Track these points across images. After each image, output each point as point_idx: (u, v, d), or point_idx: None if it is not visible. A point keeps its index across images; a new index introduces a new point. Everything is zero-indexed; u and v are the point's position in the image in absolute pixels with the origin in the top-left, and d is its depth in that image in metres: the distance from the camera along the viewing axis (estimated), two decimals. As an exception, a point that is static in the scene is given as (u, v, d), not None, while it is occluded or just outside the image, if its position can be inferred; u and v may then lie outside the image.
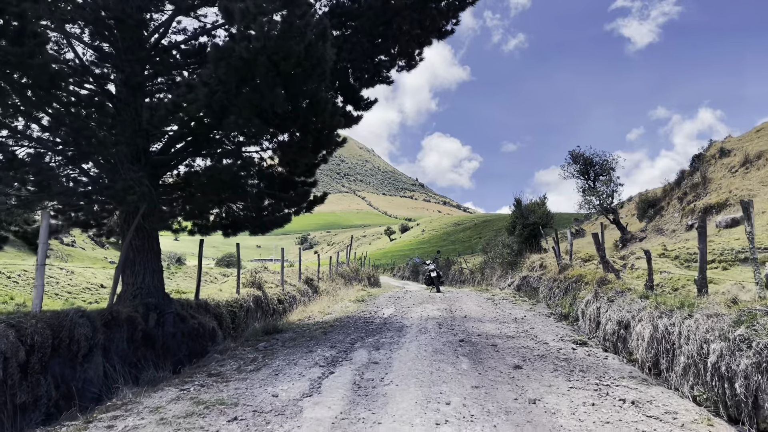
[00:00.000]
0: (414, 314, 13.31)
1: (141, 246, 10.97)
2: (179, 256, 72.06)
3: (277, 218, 10.34)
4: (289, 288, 19.08)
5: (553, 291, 17.43)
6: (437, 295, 18.93)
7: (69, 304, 16.60)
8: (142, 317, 10.53)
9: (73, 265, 23.84)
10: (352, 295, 20.23)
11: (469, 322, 11.75)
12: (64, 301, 18.44)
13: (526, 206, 28.81)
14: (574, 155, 39.41)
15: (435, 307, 14.79)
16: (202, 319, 12.41)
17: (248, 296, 15.39)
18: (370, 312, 14.10)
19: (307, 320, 13.76)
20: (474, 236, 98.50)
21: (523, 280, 23.34)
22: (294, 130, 8.81)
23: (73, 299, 18.99)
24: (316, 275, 23.81)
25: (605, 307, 11.51)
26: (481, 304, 15.71)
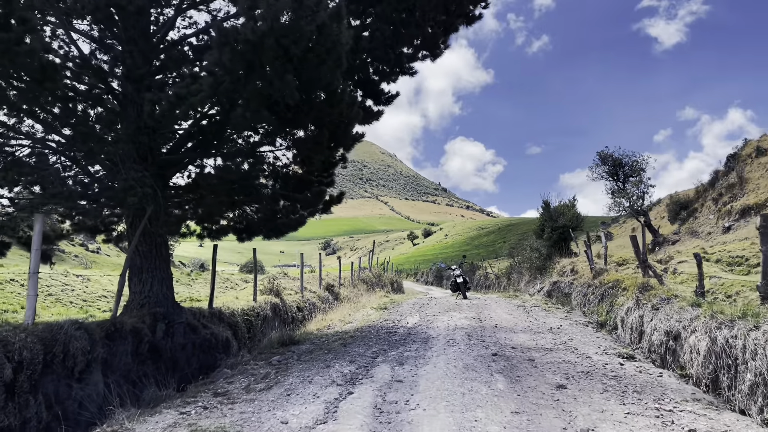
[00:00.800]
0: (440, 323, 12.42)
1: (148, 252, 10.30)
2: (202, 262, 71.92)
3: (291, 221, 9.57)
4: (308, 295, 18.34)
5: (587, 297, 16.42)
6: (464, 302, 18.01)
7: (83, 312, 16.05)
8: (149, 328, 9.84)
9: (91, 272, 23.40)
10: (374, 302, 19.39)
11: (500, 333, 10.83)
12: (78, 309, 17.91)
13: (555, 208, 27.71)
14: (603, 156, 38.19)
15: (462, 315, 13.89)
16: (215, 329, 11.71)
17: (265, 304, 14.67)
18: (393, 321, 13.25)
19: (327, 330, 12.97)
20: (498, 240, 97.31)
21: (554, 285, 22.32)
22: (308, 123, 8.02)
23: (88, 307, 18.45)
24: (338, 281, 23.06)
25: (649, 315, 10.55)
26: (512, 311, 14.76)
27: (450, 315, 13.96)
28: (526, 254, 29.27)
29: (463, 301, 18.29)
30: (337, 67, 7.23)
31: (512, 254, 35.11)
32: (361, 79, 10.07)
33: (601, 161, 39.15)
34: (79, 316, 15.33)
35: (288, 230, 9.78)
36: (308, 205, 9.55)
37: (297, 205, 9.68)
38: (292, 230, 9.84)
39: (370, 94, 10.55)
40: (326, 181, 10.23)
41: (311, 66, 7.14)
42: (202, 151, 9.58)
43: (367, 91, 10.49)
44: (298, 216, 9.69)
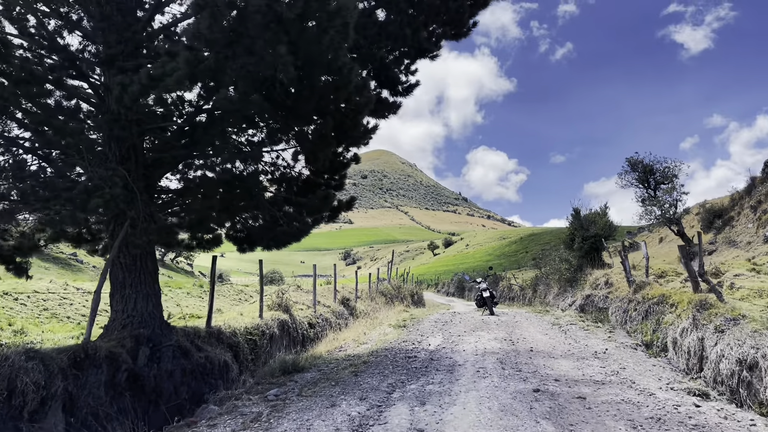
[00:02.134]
0: (467, 345, 10.90)
1: (131, 264, 8.99)
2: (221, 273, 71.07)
3: (293, 229, 8.17)
4: (322, 310, 16.92)
5: (628, 314, 14.79)
6: (491, 319, 16.42)
7: (79, 329, 14.80)
8: (130, 353, 8.49)
9: (93, 284, 22.23)
10: (392, 318, 17.90)
11: (538, 359, 9.29)
12: (76, 324, 16.69)
13: (586, 216, 25.99)
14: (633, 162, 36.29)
15: (491, 335, 12.34)
16: (211, 352, 10.34)
17: (273, 321, 13.29)
18: (413, 342, 11.75)
19: (338, 352, 11.52)
20: (520, 250, 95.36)
21: (587, 299, 20.67)
22: (310, 111, 6.63)
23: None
24: (354, 294, 21.61)
25: (712, 338, 8.98)
26: (547, 331, 13.17)
27: (477, 335, 12.42)
28: (555, 265, 27.54)
29: (491, 318, 16.71)
30: (343, 39, 5.83)
31: (539, 265, 33.34)
32: (375, 65, 8.67)
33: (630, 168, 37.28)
34: (74, 332, 14.09)
35: (290, 240, 8.38)
36: (313, 211, 8.15)
37: (301, 211, 8.29)
38: (294, 240, 8.44)
39: (385, 82, 9.15)
40: (334, 183, 8.85)
41: (310, 36, 5.75)
42: (192, 148, 8.24)
43: (382, 78, 9.09)
44: (302, 224, 8.29)
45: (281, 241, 8.41)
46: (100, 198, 6.29)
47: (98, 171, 6.66)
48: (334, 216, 8.57)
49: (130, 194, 8.02)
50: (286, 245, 8.69)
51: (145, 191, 8.72)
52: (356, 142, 8.20)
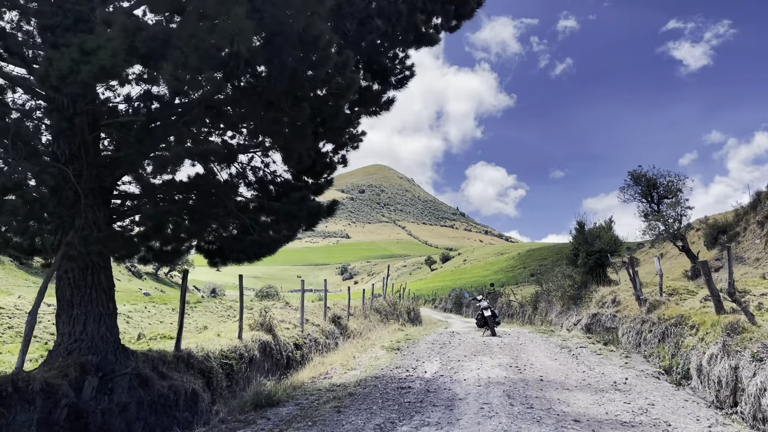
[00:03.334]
0: (468, 374, 9.64)
1: (80, 280, 7.76)
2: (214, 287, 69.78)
3: (265, 239, 6.93)
4: (310, 329, 15.63)
5: (642, 336, 13.59)
6: (493, 341, 15.14)
7: (46, 349, 13.50)
8: (73, 384, 7.23)
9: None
10: (386, 338, 16.61)
11: (550, 390, 8.04)
12: (43, 344, 15.41)
13: (591, 230, 24.79)
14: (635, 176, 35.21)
15: (495, 360, 11.07)
16: (178, 380, 9.07)
17: (253, 342, 12.02)
18: (407, 368, 10.47)
19: (323, 379, 10.25)
20: (518, 266, 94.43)
21: (593, 318, 19.46)
22: (279, 94, 5.44)
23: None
24: (347, 311, 20.32)
25: (749, 368, 7.84)
26: (556, 355, 11.91)
27: (479, 360, 11.14)
28: (558, 281, 26.30)
29: (493, 340, 15.42)
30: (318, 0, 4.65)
31: (539, 281, 32.08)
32: (364, 52, 7.49)
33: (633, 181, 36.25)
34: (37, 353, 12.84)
35: (262, 251, 7.16)
36: (288, 217, 6.91)
37: (276, 218, 7.08)
38: (267, 252, 7.22)
39: (376, 72, 7.98)
40: (315, 187, 7.67)
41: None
42: (150, 147, 7.04)
43: (373, 68, 7.92)
44: (276, 233, 7.06)
45: (252, 253, 7.18)
46: (20, 198, 5.06)
47: (23, 165, 5.45)
48: (313, 222, 7.35)
49: (72, 197, 6.84)
50: (258, 257, 7.46)
51: (98, 195, 7.53)
52: (339, 136, 7.02)
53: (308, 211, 6.83)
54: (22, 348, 6.82)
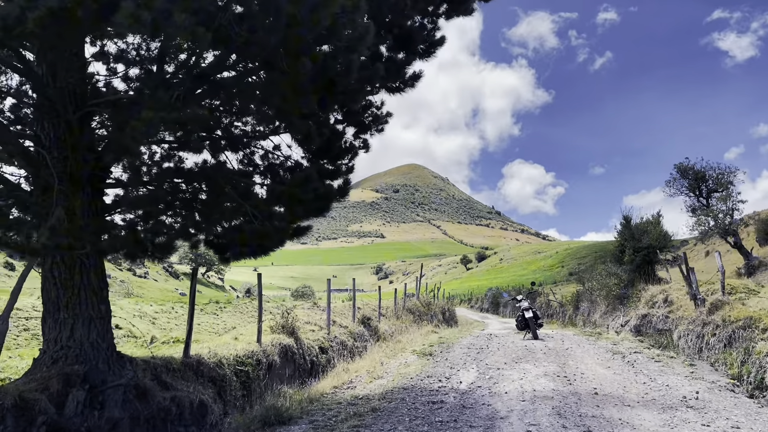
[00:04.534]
0: (509, 385, 8.44)
1: (67, 279, 6.85)
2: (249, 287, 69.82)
3: (267, 228, 5.86)
4: (338, 331, 14.61)
5: (704, 340, 12.19)
6: (536, 345, 13.83)
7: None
8: (54, 398, 6.31)
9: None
10: (418, 341, 15.48)
11: (609, 407, 6.81)
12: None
13: (637, 225, 23.19)
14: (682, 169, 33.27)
15: (540, 369, 9.83)
16: (182, 390, 8.11)
17: (273, 346, 11.05)
18: (439, 377, 9.32)
19: (345, 389, 9.19)
20: (556, 265, 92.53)
21: (643, 319, 18.01)
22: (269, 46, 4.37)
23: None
24: (377, 312, 19.26)
25: None
26: (608, 362, 10.61)
27: (522, 368, 9.92)
28: (602, 280, 24.75)
29: (535, 344, 14.12)
30: None
31: (581, 280, 30.46)
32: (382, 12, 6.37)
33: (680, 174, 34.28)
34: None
35: (265, 242, 6.09)
36: (291, 201, 5.84)
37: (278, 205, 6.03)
38: (271, 243, 6.15)
39: (397, 35, 6.85)
40: (330, 170, 6.61)
41: None
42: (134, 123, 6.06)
43: (395, 33, 6.80)
44: (280, 223, 6.00)
45: (254, 246, 6.14)
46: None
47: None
48: (323, 207, 6.25)
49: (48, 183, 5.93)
50: (263, 251, 6.41)
51: (87, 182, 6.62)
52: (353, 100, 5.89)
53: (314, 194, 5.74)
54: (-8, 357, 5.93)
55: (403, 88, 7.76)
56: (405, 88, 7.79)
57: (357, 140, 8.20)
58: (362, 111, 8.24)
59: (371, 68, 5.85)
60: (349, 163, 8.11)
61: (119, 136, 6.12)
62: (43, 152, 6.09)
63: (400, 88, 7.71)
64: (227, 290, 76.33)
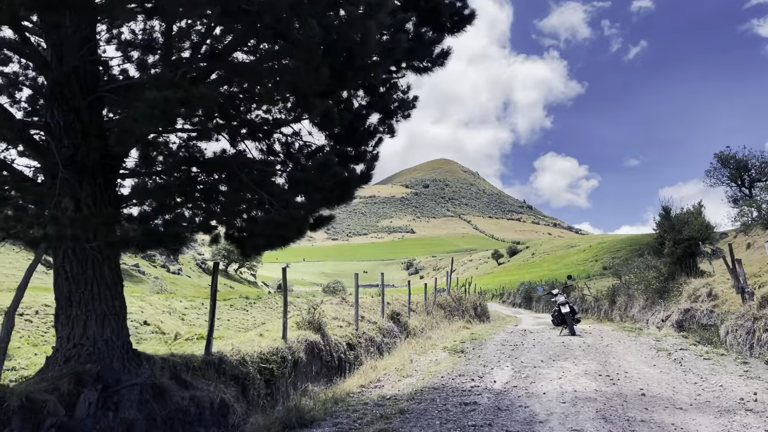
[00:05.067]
0: (548, 384, 7.88)
1: (79, 274, 6.54)
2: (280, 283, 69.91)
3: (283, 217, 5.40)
4: (366, 327, 14.18)
5: (755, 336, 11.44)
6: (574, 341, 13.18)
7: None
8: (64, 399, 5.99)
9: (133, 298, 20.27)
10: (449, 337, 14.96)
11: (659, 411, 6.21)
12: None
13: (678, 216, 22.21)
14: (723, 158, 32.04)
15: (580, 367, 9.23)
16: (203, 389, 7.77)
17: (299, 343, 10.66)
18: (471, 376, 8.81)
19: (373, 388, 8.74)
20: (590, 259, 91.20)
21: (686, 314, 17.18)
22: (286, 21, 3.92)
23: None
24: (407, 307, 18.78)
25: None
26: (653, 359, 9.94)
27: (560, 367, 9.34)
28: (640, 273, 23.85)
29: (573, 340, 13.47)
30: None
31: (618, 273, 29.49)
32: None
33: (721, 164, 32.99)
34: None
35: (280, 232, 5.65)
36: (309, 188, 5.39)
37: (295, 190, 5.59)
38: (289, 234, 5.71)
39: (422, 8, 6.34)
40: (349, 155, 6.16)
41: None
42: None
43: (421, 4, 6.29)
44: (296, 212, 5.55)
45: (271, 236, 5.71)
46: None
47: None
48: (344, 194, 5.76)
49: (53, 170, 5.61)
50: (281, 242, 5.97)
51: (99, 172, 6.29)
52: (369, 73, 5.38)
53: (334, 180, 5.27)
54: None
55: (430, 68, 7.26)
56: (433, 68, 7.28)
57: (382, 126, 7.75)
58: (387, 94, 7.78)
59: (393, 40, 5.35)
60: (374, 150, 7.66)
61: (128, 122, 5.77)
62: (45, 137, 5.77)
63: (428, 67, 7.20)
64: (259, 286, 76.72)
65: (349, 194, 5.87)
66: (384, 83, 7.61)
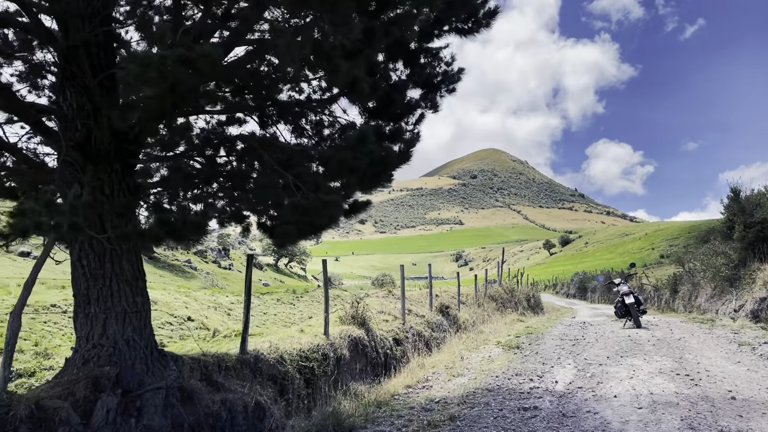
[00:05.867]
0: (618, 386, 6.95)
1: (96, 269, 6.01)
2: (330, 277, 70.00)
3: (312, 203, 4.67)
4: (414, 321, 13.44)
5: None
6: (641, 335, 12.07)
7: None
8: (79, 406, 5.47)
9: (162, 291, 20.20)
10: (502, 331, 14.06)
11: (756, 419, 5.25)
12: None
13: (748, 198, 20.59)
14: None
15: (653, 365, 8.23)
16: (236, 392, 7.18)
17: (342, 338, 10.02)
18: (530, 375, 7.94)
19: (420, 389, 7.98)
20: (646, 247, 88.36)
21: (762, 303, 15.89)
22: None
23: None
24: (457, 300, 17.95)
25: None
26: (735, 355, 8.84)
27: (629, 364, 8.36)
28: (706, 260, 22.30)
29: (640, 333, 12.35)
30: None
31: (680, 261, 27.79)
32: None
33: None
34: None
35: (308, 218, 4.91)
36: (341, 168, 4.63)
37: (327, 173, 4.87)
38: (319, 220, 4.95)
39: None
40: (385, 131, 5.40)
41: None
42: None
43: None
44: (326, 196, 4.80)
45: (297, 224, 5.00)
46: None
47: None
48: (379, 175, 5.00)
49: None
50: (314, 231, 5.27)
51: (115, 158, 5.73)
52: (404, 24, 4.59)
53: (370, 159, 4.49)
54: (5, 361, 5.12)
55: (476, 29, 6.43)
56: (479, 29, 6.46)
57: (424, 101, 6.99)
58: (429, 66, 7.01)
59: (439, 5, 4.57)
60: (415, 128, 6.90)
61: (130, 92, 5.18)
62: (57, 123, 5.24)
63: (473, 29, 6.38)
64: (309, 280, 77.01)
65: (386, 175, 5.11)
66: (424, 52, 6.85)
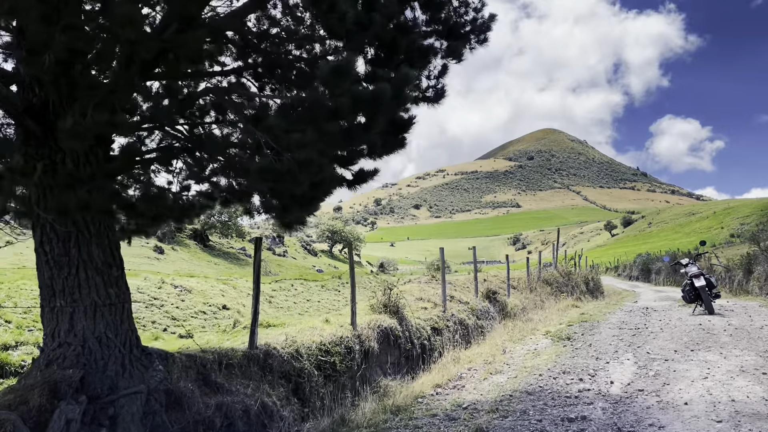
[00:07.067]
0: (689, 389, 5.66)
1: (60, 255, 5.18)
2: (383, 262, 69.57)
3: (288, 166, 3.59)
4: (456, 308, 12.31)
5: None
6: (714, 322, 10.52)
7: (152, 338, 11.76)
8: (32, 415, 4.67)
9: (199, 280, 19.72)
10: (553, 319, 12.73)
11: None
12: (161, 330, 13.87)
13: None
14: None
15: (731, 360, 6.85)
16: (237, 393, 6.30)
17: (371, 329, 9.03)
18: (579, 374, 6.69)
19: (450, 389, 6.87)
20: (714, 226, 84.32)
21: None
22: None
23: (177, 327, 14.33)
24: (506, 285, 16.69)
25: None
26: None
27: (702, 360, 7.00)
28: (788, 238, 20.21)
29: (713, 321, 10.79)
30: None
31: (756, 239, 25.45)
32: None
33: None
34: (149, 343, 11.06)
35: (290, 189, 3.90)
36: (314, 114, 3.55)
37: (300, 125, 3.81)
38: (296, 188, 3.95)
39: None
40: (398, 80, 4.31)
41: None
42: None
43: None
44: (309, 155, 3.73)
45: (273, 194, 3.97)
46: None
47: None
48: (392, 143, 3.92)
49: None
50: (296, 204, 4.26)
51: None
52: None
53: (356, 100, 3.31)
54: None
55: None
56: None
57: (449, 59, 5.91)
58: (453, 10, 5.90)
59: None
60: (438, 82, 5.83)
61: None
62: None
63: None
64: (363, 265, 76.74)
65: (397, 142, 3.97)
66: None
